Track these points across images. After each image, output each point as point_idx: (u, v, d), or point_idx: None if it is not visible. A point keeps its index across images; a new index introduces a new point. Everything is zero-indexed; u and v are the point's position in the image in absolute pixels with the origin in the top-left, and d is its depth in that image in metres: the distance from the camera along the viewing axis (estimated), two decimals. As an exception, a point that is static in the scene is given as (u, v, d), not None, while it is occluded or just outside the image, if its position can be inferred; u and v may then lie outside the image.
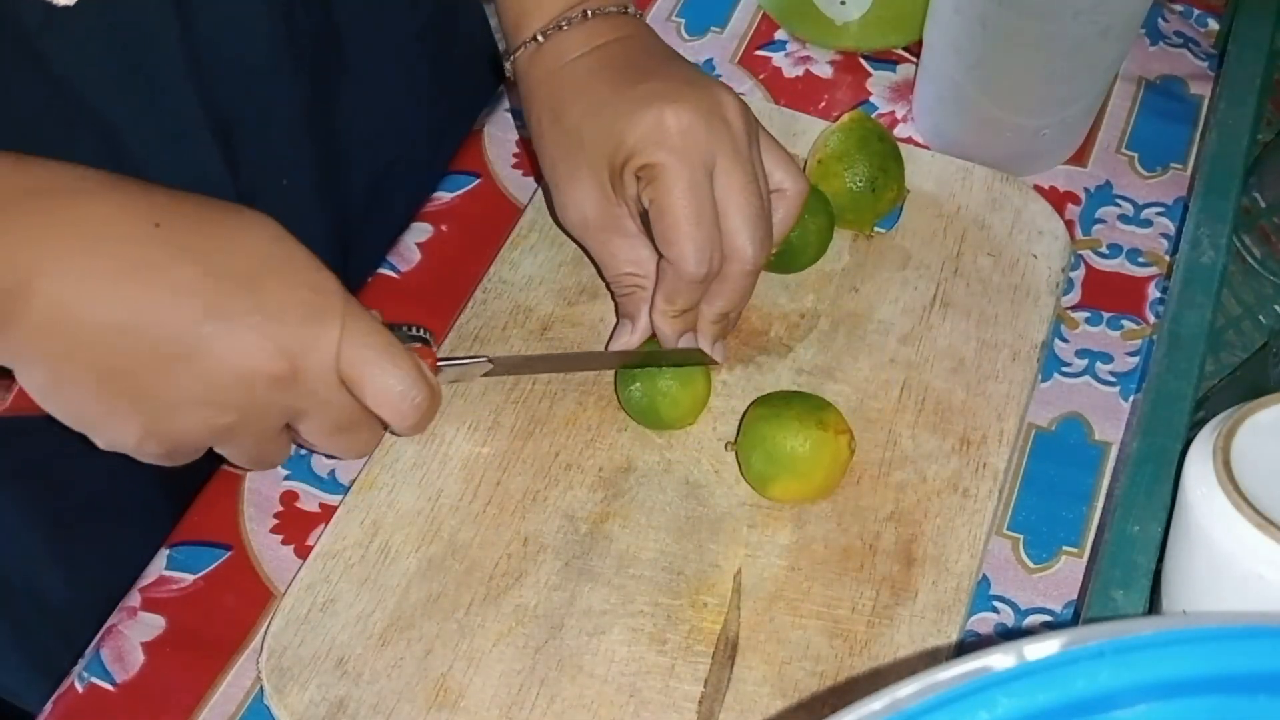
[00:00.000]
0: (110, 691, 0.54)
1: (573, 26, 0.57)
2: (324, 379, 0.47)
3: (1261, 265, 0.66)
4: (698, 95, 0.53)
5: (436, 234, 0.69)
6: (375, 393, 0.49)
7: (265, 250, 0.46)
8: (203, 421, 0.46)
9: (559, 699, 0.52)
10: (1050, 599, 0.56)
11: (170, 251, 0.43)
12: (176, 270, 0.43)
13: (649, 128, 0.52)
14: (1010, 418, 0.59)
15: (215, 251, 0.44)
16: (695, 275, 0.53)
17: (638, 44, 0.58)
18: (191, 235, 0.44)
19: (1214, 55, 0.76)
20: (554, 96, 0.57)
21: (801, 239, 0.62)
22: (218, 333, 0.44)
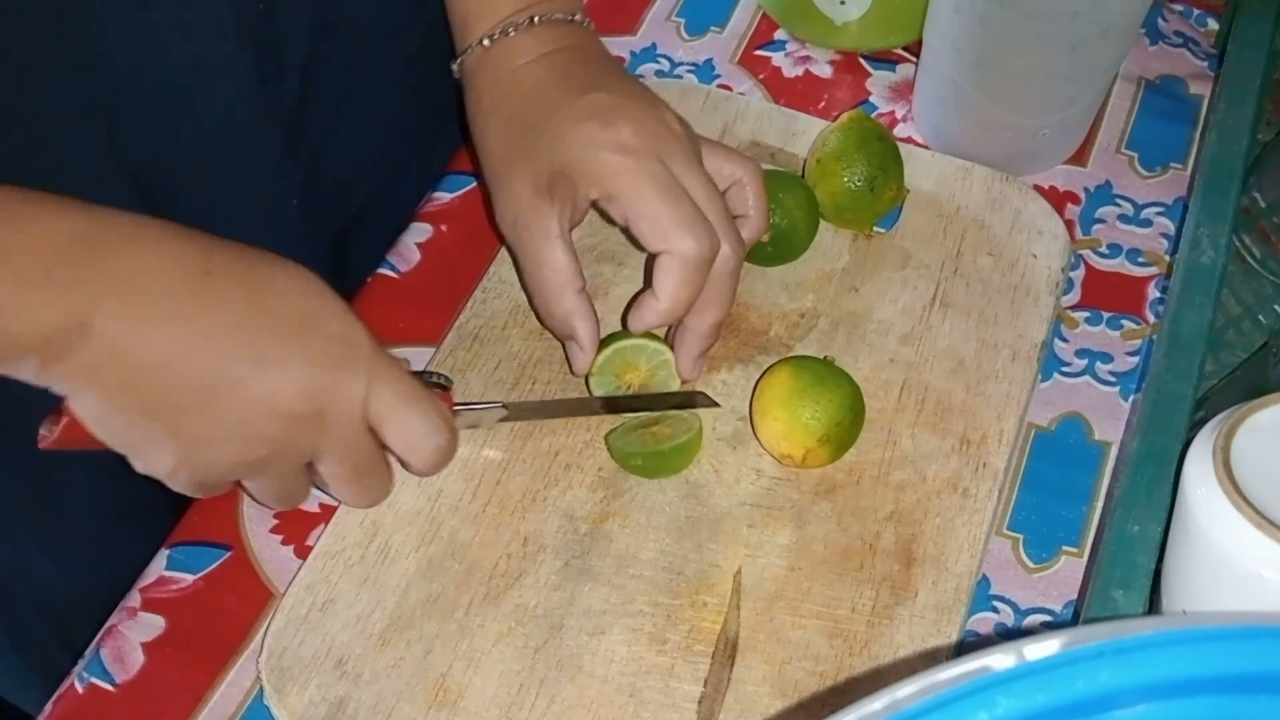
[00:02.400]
0: (110, 692, 0.54)
1: (520, 32, 0.58)
2: (349, 422, 0.49)
3: (1261, 265, 0.66)
4: (640, 107, 0.55)
5: (436, 234, 0.69)
6: (399, 436, 0.51)
7: (302, 303, 0.48)
8: (232, 455, 0.48)
9: (559, 699, 0.52)
10: (1050, 599, 0.56)
11: (214, 300, 0.46)
12: (219, 316, 0.46)
13: (597, 137, 0.53)
14: (1010, 418, 0.59)
15: (256, 301, 0.47)
16: (701, 255, 0.53)
17: (584, 54, 0.59)
18: (235, 285, 0.47)
19: (1214, 55, 0.76)
20: (499, 100, 0.58)
21: (789, 224, 0.62)
22: (251, 374, 0.47)
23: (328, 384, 0.48)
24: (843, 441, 0.56)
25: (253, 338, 0.47)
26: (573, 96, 0.55)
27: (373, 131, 0.73)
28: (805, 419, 0.55)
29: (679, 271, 0.53)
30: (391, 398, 0.50)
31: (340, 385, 0.48)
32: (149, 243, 0.46)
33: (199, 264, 0.46)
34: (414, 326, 0.65)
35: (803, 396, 0.55)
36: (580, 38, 0.59)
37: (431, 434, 0.51)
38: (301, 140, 0.66)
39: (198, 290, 0.46)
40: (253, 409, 0.47)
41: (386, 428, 0.50)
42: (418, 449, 0.51)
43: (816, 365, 0.57)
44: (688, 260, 0.53)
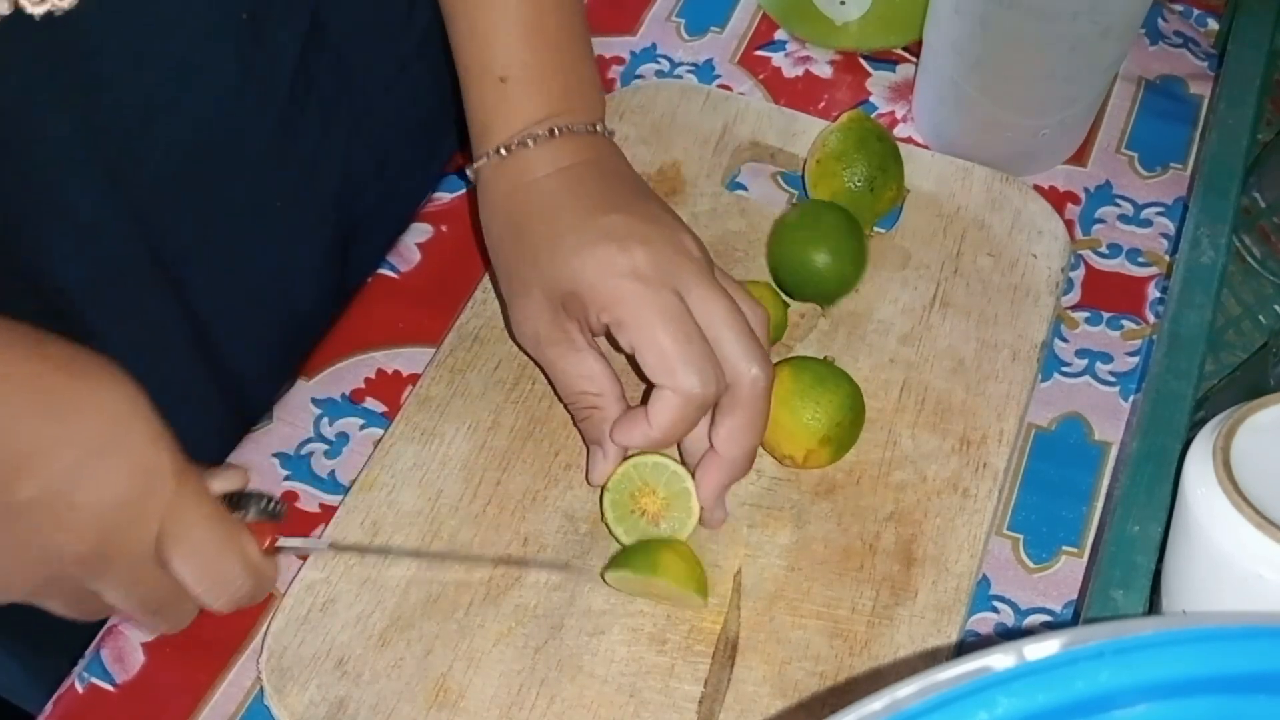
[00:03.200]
0: (110, 691, 0.54)
1: (539, 144, 0.56)
2: (133, 563, 0.46)
3: (1261, 265, 0.66)
4: (657, 231, 0.53)
5: (436, 234, 0.69)
6: (191, 579, 0.48)
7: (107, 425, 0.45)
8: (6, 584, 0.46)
9: (559, 699, 0.52)
10: (1050, 599, 0.56)
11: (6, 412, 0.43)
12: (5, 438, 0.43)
13: (610, 262, 0.52)
14: (1010, 418, 0.59)
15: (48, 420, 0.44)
16: (703, 396, 0.51)
17: (603, 169, 0.57)
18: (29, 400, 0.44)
19: (1214, 55, 0.76)
20: (514, 213, 0.56)
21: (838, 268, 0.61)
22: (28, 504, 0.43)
23: (115, 525, 0.45)
24: (843, 442, 0.56)
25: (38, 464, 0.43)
26: (589, 216, 0.53)
27: (371, 134, 0.73)
28: (805, 420, 0.55)
29: (678, 408, 0.51)
30: (186, 541, 0.47)
31: (129, 527, 0.45)
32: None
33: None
34: (414, 326, 0.65)
35: (803, 397, 0.55)
36: (600, 150, 0.57)
37: (229, 581, 0.48)
38: (293, 146, 0.66)
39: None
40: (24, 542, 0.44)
41: (178, 570, 0.47)
42: (212, 595, 0.48)
43: (816, 366, 0.57)
44: (689, 399, 0.51)
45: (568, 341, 0.54)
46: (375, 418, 0.62)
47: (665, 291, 0.51)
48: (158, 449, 0.46)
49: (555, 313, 0.54)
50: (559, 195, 0.55)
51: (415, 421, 0.60)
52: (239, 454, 0.61)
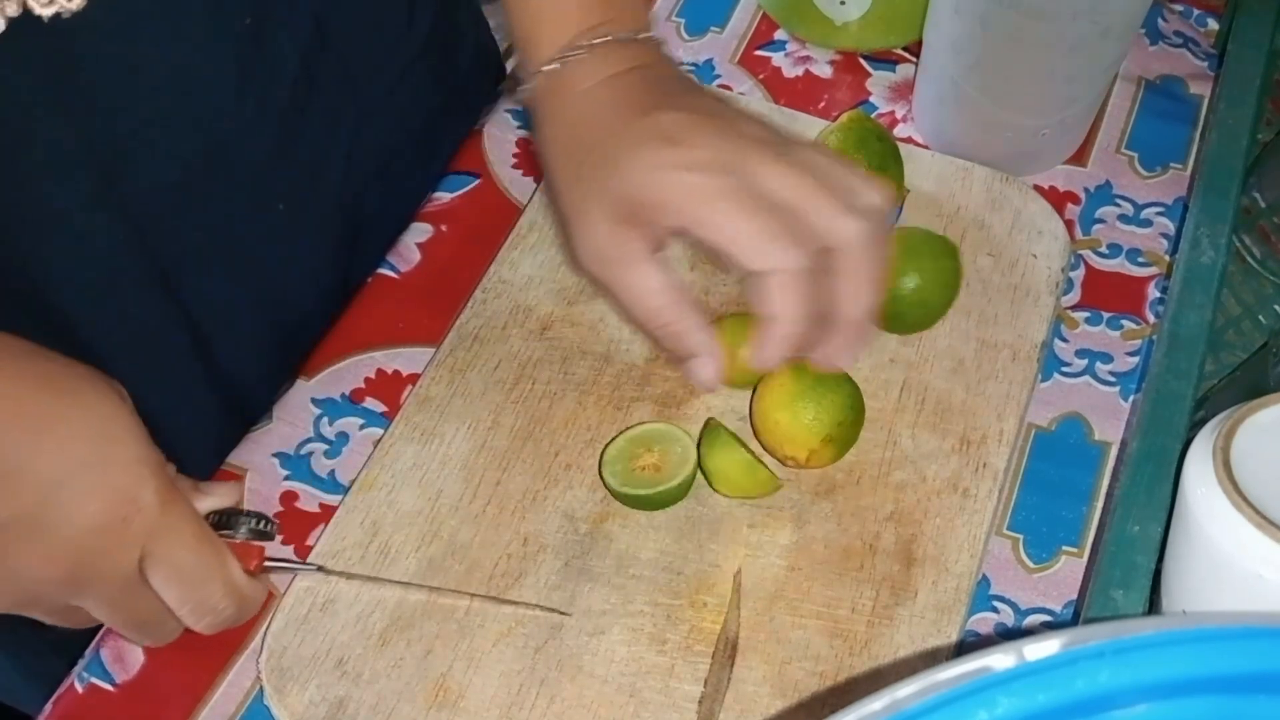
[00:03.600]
0: (110, 691, 0.54)
1: (590, 53, 0.54)
2: (113, 586, 0.46)
3: (1261, 265, 0.66)
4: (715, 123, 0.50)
5: (436, 234, 0.69)
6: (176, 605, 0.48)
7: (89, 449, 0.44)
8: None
9: (559, 699, 0.52)
10: (1050, 599, 0.56)
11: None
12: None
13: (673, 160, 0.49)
14: (1010, 418, 0.59)
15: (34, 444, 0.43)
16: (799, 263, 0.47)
17: (654, 74, 0.54)
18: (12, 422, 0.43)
19: (1214, 55, 0.76)
20: (569, 129, 0.54)
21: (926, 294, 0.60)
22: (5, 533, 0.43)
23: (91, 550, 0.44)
24: (845, 441, 0.56)
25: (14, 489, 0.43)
26: (649, 120, 0.51)
27: (373, 137, 0.73)
28: (807, 420, 0.55)
29: (781, 288, 0.48)
30: (167, 564, 0.46)
31: (107, 552, 0.45)
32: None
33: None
34: (414, 326, 0.65)
35: (804, 398, 0.55)
36: (650, 57, 0.55)
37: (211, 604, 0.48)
38: (294, 150, 0.66)
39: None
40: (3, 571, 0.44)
41: (163, 592, 0.47)
42: (194, 618, 0.49)
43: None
44: (784, 274, 0.47)
45: (633, 256, 0.51)
46: (375, 418, 0.62)
47: (731, 178, 0.48)
48: (138, 473, 0.45)
49: (618, 228, 0.51)
50: (613, 105, 0.53)
51: (415, 421, 0.60)
52: (239, 454, 0.61)
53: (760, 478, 0.55)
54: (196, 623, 0.49)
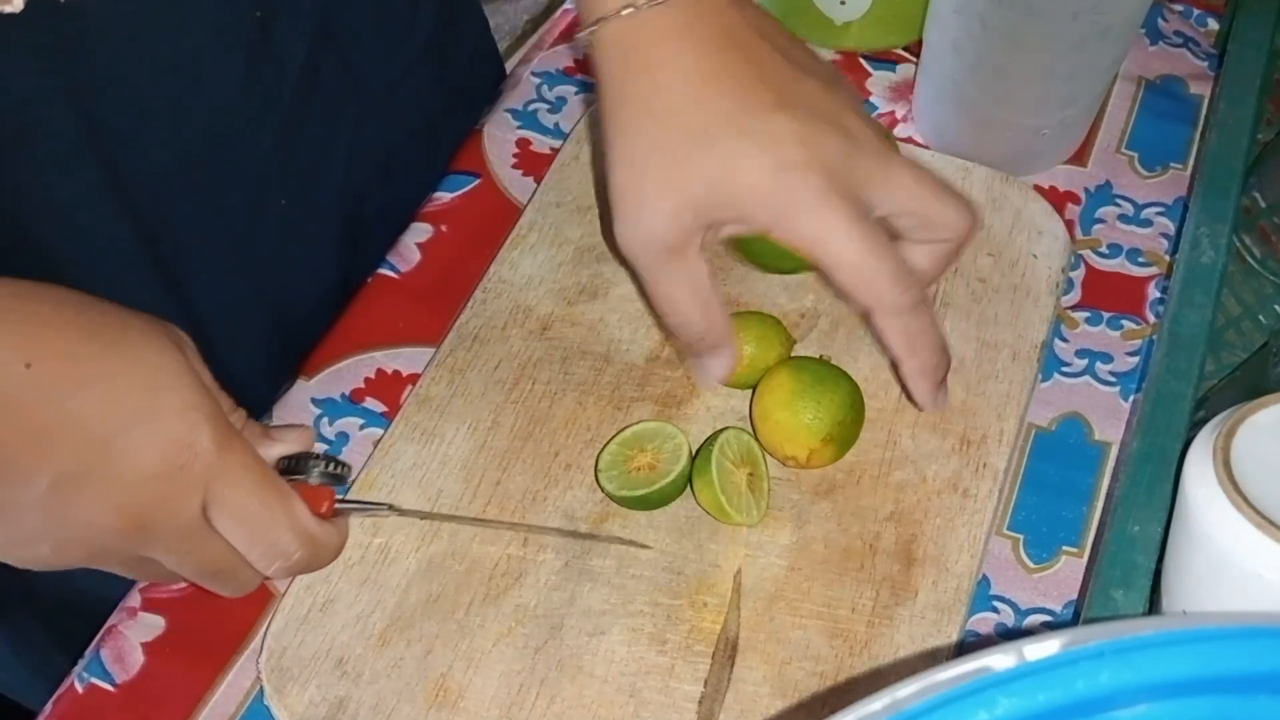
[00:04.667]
0: (110, 692, 0.54)
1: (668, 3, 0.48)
2: (179, 534, 0.46)
3: (1261, 265, 0.66)
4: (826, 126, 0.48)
5: (436, 234, 0.69)
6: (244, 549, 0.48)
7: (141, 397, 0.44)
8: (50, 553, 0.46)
9: (559, 699, 0.52)
10: (1050, 599, 0.56)
11: (33, 395, 0.43)
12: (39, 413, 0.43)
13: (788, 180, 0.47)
14: (1010, 418, 0.59)
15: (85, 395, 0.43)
16: (910, 302, 0.48)
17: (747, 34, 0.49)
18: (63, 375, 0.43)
19: (1214, 55, 0.76)
20: (644, 90, 0.48)
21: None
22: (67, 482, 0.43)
23: (152, 498, 0.44)
24: (845, 440, 0.56)
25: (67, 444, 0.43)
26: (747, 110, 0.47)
27: (375, 135, 0.73)
28: (807, 420, 0.55)
29: (899, 326, 0.49)
30: (231, 508, 0.46)
31: (167, 499, 0.44)
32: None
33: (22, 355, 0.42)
34: (414, 326, 0.65)
35: (803, 397, 0.55)
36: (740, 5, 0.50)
37: (279, 548, 0.48)
38: (298, 144, 0.66)
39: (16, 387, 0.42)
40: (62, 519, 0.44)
41: (229, 537, 0.47)
42: (263, 564, 0.48)
43: (815, 366, 0.57)
44: (901, 312, 0.48)
45: (683, 248, 0.49)
46: (375, 418, 0.62)
47: (846, 201, 0.47)
48: (191, 419, 0.45)
49: (682, 214, 0.48)
50: (701, 75, 0.48)
51: (415, 421, 0.60)
52: (239, 454, 0.61)
53: (733, 519, 0.54)
54: (268, 568, 0.48)
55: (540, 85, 0.76)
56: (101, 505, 0.44)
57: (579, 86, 0.76)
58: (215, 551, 0.47)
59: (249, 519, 0.46)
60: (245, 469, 0.46)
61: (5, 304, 0.43)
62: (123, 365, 0.44)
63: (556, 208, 0.68)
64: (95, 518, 0.44)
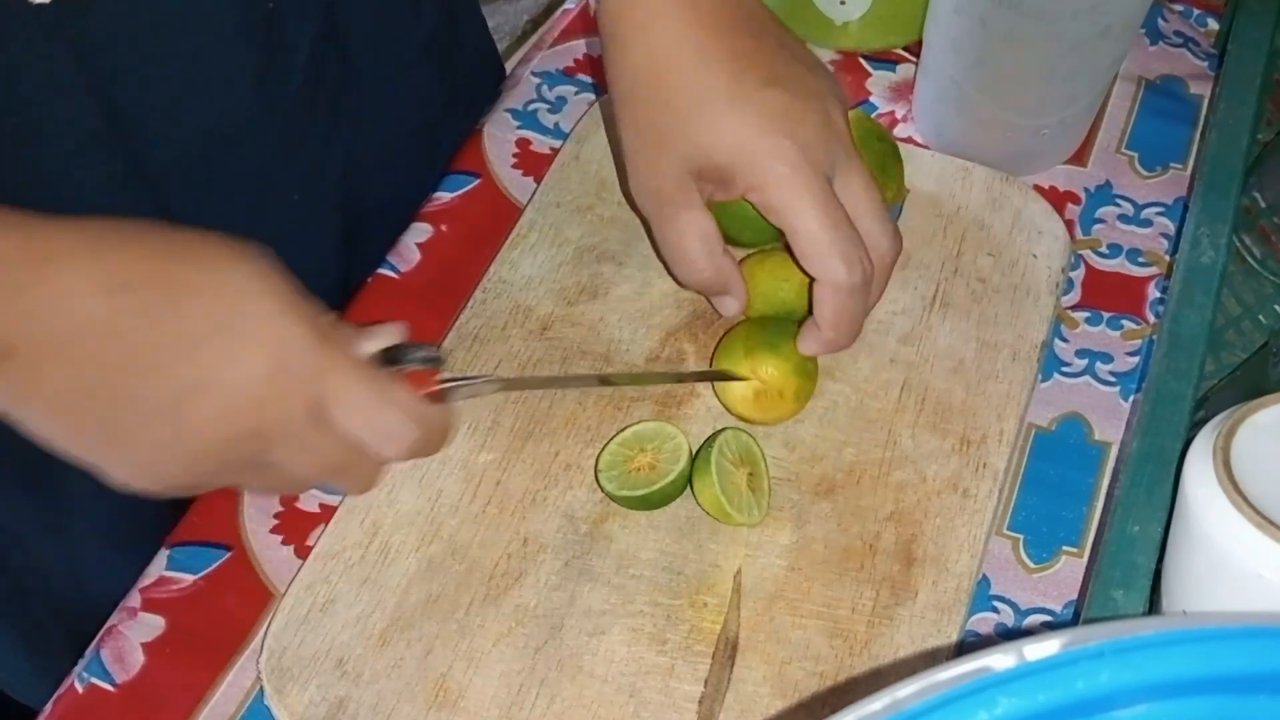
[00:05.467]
0: (110, 692, 0.54)
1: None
2: (296, 432, 0.47)
3: (1261, 265, 0.66)
4: (813, 108, 0.53)
5: (436, 234, 0.69)
6: (361, 434, 0.48)
7: (235, 306, 0.45)
8: (181, 470, 0.47)
9: (559, 699, 0.52)
10: (1050, 599, 0.56)
11: (134, 317, 0.44)
12: (140, 335, 0.44)
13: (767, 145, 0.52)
14: (1010, 418, 0.59)
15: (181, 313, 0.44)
16: (852, 283, 0.53)
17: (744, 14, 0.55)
18: (158, 296, 0.44)
19: (1214, 55, 0.76)
20: (654, 64, 0.54)
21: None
22: (179, 397, 0.44)
23: (264, 400, 0.45)
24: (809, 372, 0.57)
25: (173, 360, 0.44)
26: (743, 84, 0.52)
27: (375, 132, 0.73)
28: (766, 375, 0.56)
29: (833, 300, 0.54)
30: (343, 399, 0.47)
31: (278, 398, 0.45)
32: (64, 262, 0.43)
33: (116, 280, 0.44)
34: (414, 326, 0.65)
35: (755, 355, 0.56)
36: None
37: (394, 431, 0.48)
38: (303, 138, 0.67)
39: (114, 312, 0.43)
40: (183, 433, 0.45)
41: (346, 426, 0.48)
42: (384, 447, 0.49)
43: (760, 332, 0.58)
44: (840, 287, 0.53)
45: (687, 202, 0.54)
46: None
47: (816, 176, 0.52)
48: (288, 319, 0.46)
49: (684, 176, 0.54)
50: (710, 53, 0.53)
51: (415, 421, 0.60)
52: (239, 454, 0.61)
53: (734, 519, 0.55)
54: (389, 451, 0.49)
55: (540, 85, 0.76)
56: (217, 413, 0.45)
57: (579, 86, 0.76)
58: (333, 446, 0.48)
59: (358, 405, 0.48)
60: (347, 360, 0.48)
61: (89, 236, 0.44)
62: (212, 278, 0.45)
63: (556, 208, 0.68)
64: (215, 428, 0.45)
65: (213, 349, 0.45)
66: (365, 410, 0.48)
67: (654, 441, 0.56)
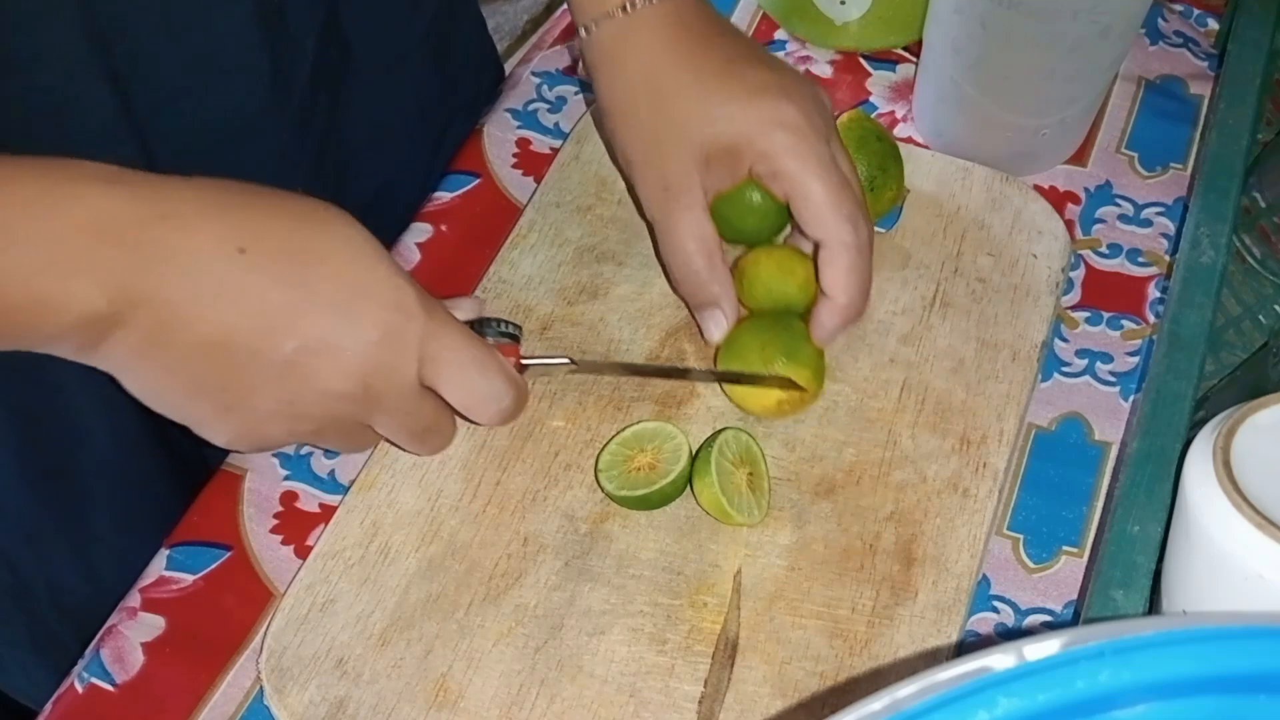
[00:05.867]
0: (110, 692, 0.54)
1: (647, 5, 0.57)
2: (402, 394, 0.49)
3: (1261, 265, 0.66)
4: (803, 86, 0.57)
5: (436, 234, 0.69)
6: (460, 400, 0.51)
7: (349, 270, 0.47)
8: (284, 429, 0.49)
9: (559, 699, 0.52)
10: (1050, 599, 0.56)
11: (254, 276, 0.46)
12: (259, 294, 0.46)
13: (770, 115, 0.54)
14: (1010, 418, 0.59)
15: (300, 273, 0.47)
16: (860, 242, 0.55)
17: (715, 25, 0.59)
18: (276, 257, 0.46)
19: (1214, 55, 0.76)
20: (650, 71, 0.57)
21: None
22: (300, 355, 0.46)
23: (377, 361, 0.48)
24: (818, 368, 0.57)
25: (294, 319, 0.46)
26: (735, 71, 0.56)
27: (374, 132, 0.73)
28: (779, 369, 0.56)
29: (845, 260, 0.55)
30: (449, 363, 0.49)
31: (391, 360, 0.48)
32: (183, 221, 0.45)
33: (234, 241, 0.45)
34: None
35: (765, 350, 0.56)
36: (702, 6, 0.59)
37: (495, 395, 0.51)
38: (307, 131, 0.67)
39: (233, 271, 0.45)
40: (301, 391, 0.47)
41: (446, 392, 0.50)
42: (481, 410, 0.52)
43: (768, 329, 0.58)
44: (849, 247, 0.55)
45: (692, 200, 0.56)
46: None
47: (820, 142, 0.55)
48: (397, 284, 0.48)
49: (691, 169, 0.56)
50: (697, 53, 0.57)
51: (415, 421, 0.60)
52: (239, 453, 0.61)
53: (734, 519, 0.55)
54: (482, 415, 0.52)
55: (540, 85, 0.76)
56: (334, 374, 0.47)
57: (579, 86, 0.76)
58: (431, 410, 0.51)
59: (465, 368, 0.50)
60: (452, 327, 0.50)
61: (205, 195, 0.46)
62: (332, 244, 0.48)
63: (556, 208, 0.68)
64: (330, 386, 0.47)
65: (334, 311, 0.47)
66: (470, 375, 0.50)
67: (654, 441, 0.57)
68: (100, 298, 0.43)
